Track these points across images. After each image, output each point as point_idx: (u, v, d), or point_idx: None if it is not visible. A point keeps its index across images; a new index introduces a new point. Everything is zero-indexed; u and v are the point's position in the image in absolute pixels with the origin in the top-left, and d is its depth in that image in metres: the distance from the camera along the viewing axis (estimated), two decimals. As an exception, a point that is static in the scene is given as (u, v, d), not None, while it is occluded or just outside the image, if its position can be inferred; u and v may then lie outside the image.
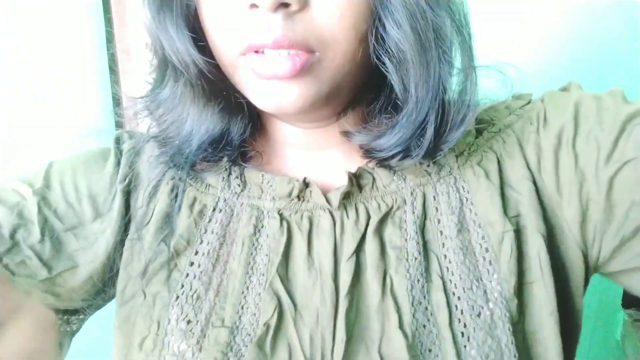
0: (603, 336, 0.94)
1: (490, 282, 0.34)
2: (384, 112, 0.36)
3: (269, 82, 0.31)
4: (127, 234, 0.39)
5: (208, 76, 0.34)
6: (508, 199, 0.36)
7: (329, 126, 0.39)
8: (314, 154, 0.40)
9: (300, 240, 0.36)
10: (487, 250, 0.35)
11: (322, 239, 0.36)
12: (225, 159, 0.39)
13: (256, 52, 0.31)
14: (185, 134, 0.37)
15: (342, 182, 0.37)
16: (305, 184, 0.37)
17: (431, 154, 0.35)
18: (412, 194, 0.37)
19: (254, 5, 0.29)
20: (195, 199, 0.39)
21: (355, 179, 0.37)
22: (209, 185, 0.40)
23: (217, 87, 0.35)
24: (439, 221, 0.37)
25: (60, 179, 0.39)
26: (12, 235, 0.36)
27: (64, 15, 0.76)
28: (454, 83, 0.35)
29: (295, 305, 0.35)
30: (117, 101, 0.83)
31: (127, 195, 0.40)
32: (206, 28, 0.33)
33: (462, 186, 0.37)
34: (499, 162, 0.37)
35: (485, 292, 0.34)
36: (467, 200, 0.37)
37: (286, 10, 0.29)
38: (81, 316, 0.41)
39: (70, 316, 0.40)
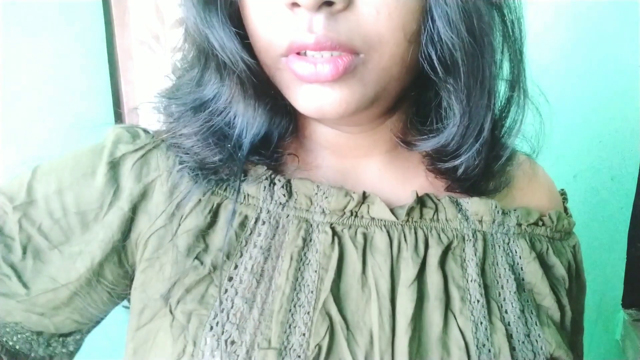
0: (603, 336, 0.94)
1: (536, 341, 0.36)
2: (435, 114, 0.34)
3: (310, 85, 0.29)
4: (126, 253, 0.36)
5: (254, 76, 0.32)
6: (553, 284, 0.39)
7: (373, 130, 0.37)
8: (351, 162, 0.38)
9: (354, 257, 0.34)
10: (532, 312, 0.37)
11: (378, 258, 0.34)
12: (264, 166, 0.36)
13: (298, 53, 0.29)
14: (236, 136, 0.35)
15: (386, 196, 0.35)
16: (363, 198, 0.35)
17: (492, 186, 0.38)
18: (473, 235, 0.37)
19: (295, 4, 0.27)
20: (233, 210, 0.36)
21: (420, 202, 0.36)
22: (248, 195, 0.36)
23: (264, 86, 0.33)
24: (495, 270, 0.37)
25: (45, 192, 0.35)
26: None
27: (64, 15, 0.76)
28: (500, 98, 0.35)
29: (347, 324, 0.33)
30: (116, 100, 0.84)
31: (133, 212, 0.35)
32: (249, 28, 0.31)
33: (515, 250, 0.38)
34: (547, 250, 0.40)
35: (532, 346, 0.36)
36: (518, 264, 0.38)
37: (329, 9, 0.27)
38: (77, 336, 0.38)
39: (66, 337, 0.37)
